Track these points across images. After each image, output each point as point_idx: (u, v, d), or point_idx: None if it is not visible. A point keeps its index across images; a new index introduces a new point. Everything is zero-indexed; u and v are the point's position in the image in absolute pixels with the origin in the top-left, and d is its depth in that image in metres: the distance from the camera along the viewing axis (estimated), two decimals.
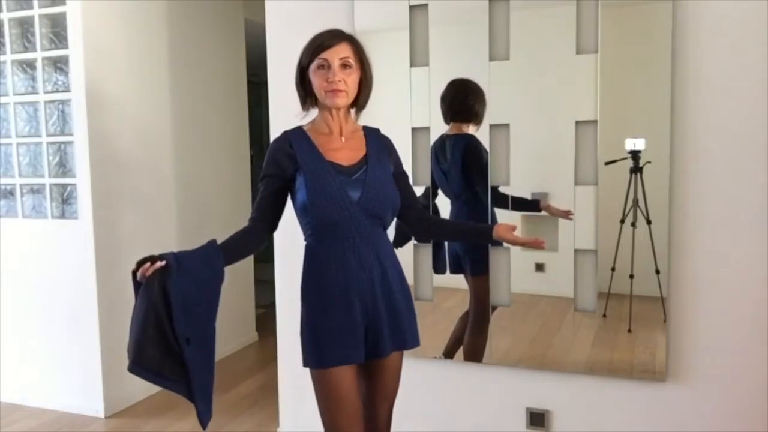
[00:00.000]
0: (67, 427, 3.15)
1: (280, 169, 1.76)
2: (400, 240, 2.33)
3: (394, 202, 1.79)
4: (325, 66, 1.71)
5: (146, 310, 1.66)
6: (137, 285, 1.72)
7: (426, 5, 2.44)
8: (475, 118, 2.39)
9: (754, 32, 2.07)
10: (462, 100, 2.41)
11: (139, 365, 1.63)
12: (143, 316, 1.66)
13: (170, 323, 1.62)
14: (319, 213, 1.70)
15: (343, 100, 1.74)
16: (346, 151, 1.78)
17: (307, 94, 1.80)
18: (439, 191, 2.48)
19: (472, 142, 2.40)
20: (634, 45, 2.23)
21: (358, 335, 1.72)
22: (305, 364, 1.75)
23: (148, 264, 1.67)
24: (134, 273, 1.72)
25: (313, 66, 1.74)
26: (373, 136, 1.86)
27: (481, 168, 2.39)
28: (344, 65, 1.72)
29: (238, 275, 4.13)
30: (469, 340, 2.47)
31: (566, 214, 2.29)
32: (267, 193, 1.78)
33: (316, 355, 1.72)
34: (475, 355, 2.46)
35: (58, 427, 3.15)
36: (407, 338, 1.83)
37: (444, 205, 2.49)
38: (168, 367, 1.62)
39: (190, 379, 1.62)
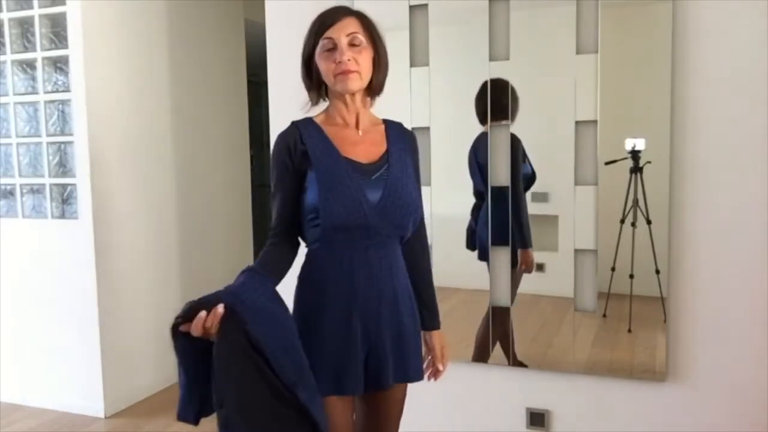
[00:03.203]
0: (67, 427, 3.15)
1: (293, 167, 1.51)
2: None
3: (417, 210, 1.58)
4: (332, 47, 1.50)
5: (243, 367, 1.29)
6: (184, 344, 1.31)
7: (426, 5, 2.43)
8: (511, 114, 2.36)
9: (754, 32, 2.07)
10: (498, 98, 2.37)
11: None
12: (242, 375, 1.28)
13: (273, 373, 1.30)
14: (331, 216, 1.46)
15: (357, 82, 1.51)
16: (365, 146, 1.56)
17: (314, 86, 1.58)
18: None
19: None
20: (634, 45, 2.23)
21: (356, 363, 1.49)
22: None
23: (203, 313, 1.27)
24: (176, 329, 1.30)
25: (318, 49, 1.51)
26: (395, 129, 1.64)
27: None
28: (353, 43, 1.50)
29: None
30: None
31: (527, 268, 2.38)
32: (285, 199, 1.53)
33: None
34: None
35: (58, 427, 3.15)
36: (410, 371, 1.60)
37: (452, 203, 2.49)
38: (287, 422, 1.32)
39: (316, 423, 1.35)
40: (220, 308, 1.28)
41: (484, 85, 2.39)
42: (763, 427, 2.15)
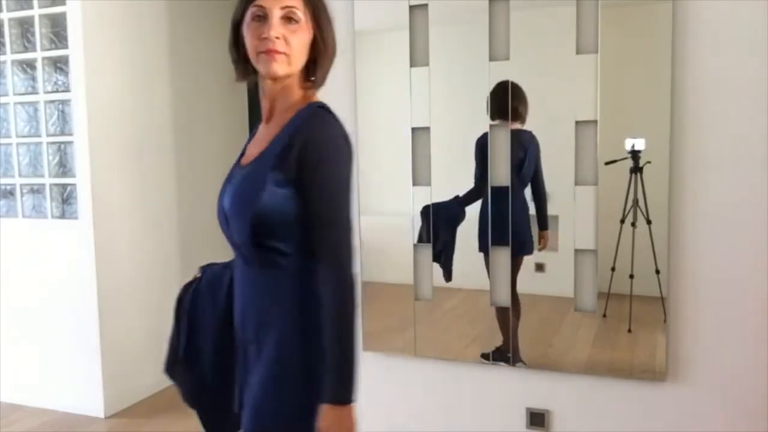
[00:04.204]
0: (67, 427, 3.15)
1: None
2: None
3: (247, 224, 1.25)
4: (262, 17, 1.25)
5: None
6: None
7: (426, 5, 2.43)
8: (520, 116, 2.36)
9: (755, 32, 2.07)
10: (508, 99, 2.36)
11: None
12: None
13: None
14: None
15: (282, 66, 1.26)
16: (258, 143, 1.34)
17: (240, 58, 1.34)
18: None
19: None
20: (634, 45, 2.23)
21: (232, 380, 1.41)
22: None
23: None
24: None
25: (246, 18, 1.28)
26: (298, 120, 1.28)
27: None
28: (288, 17, 1.26)
29: None
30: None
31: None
32: None
33: None
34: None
35: (58, 427, 3.15)
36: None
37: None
38: None
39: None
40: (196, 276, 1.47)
41: (498, 85, 2.36)
42: (763, 427, 2.15)
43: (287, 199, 1.25)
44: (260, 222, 1.25)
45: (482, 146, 2.39)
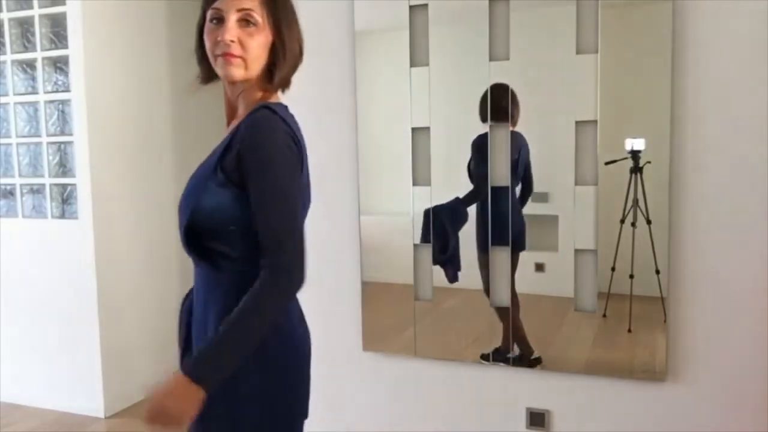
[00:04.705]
0: (67, 427, 3.15)
1: None
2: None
3: (185, 221, 1.24)
4: (218, 19, 1.25)
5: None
6: None
7: (426, 5, 2.43)
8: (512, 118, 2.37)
9: (755, 32, 2.07)
10: (500, 102, 2.36)
11: None
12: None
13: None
14: None
15: (238, 69, 1.25)
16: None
17: (204, 61, 1.33)
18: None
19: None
20: (634, 45, 2.23)
21: None
22: None
23: None
24: None
25: (206, 20, 1.28)
26: (246, 120, 1.26)
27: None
28: (245, 20, 1.24)
29: None
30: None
31: None
32: None
33: None
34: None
35: (58, 427, 3.15)
36: None
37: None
38: None
39: None
40: None
41: (489, 88, 2.37)
42: (763, 427, 2.15)
43: (231, 200, 1.22)
44: (197, 220, 1.23)
45: (479, 147, 2.40)
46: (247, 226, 1.21)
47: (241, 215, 1.22)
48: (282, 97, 1.39)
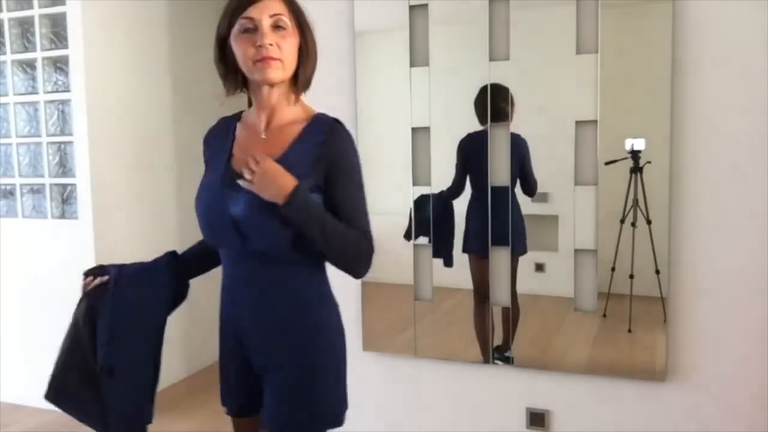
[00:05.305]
0: (67, 427, 3.15)
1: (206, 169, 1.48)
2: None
3: (286, 237, 1.31)
4: (251, 28, 1.31)
5: (70, 336, 1.45)
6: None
7: (426, 5, 2.43)
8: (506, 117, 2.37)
9: (755, 32, 2.07)
10: (496, 102, 2.37)
11: (58, 392, 1.44)
12: (66, 343, 1.45)
13: (93, 349, 1.41)
14: (201, 228, 1.41)
15: (278, 72, 1.32)
16: (263, 150, 1.35)
17: (230, 72, 1.39)
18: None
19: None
20: (634, 45, 2.23)
21: (228, 380, 1.52)
22: None
23: (90, 278, 1.45)
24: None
25: (234, 31, 1.34)
26: (314, 131, 1.36)
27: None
28: (277, 26, 1.32)
29: None
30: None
31: None
32: None
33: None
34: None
35: (58, 427, 3.15)
36: (271, 414, 1.42)
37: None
38: (88, 398, 1.42)
39: (107, 415, 1.41)
40: (98, 280, 1.44)
41: (483, 88, 2.38)
42: (763, 427, 2.15)
43: (321, 202, 1.35)
44: (281, 241, 1.33)
45: (463, 148, 2.42)
46: None
47: None
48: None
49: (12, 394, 3.43)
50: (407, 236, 2.53)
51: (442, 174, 2.48)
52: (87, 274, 1.46)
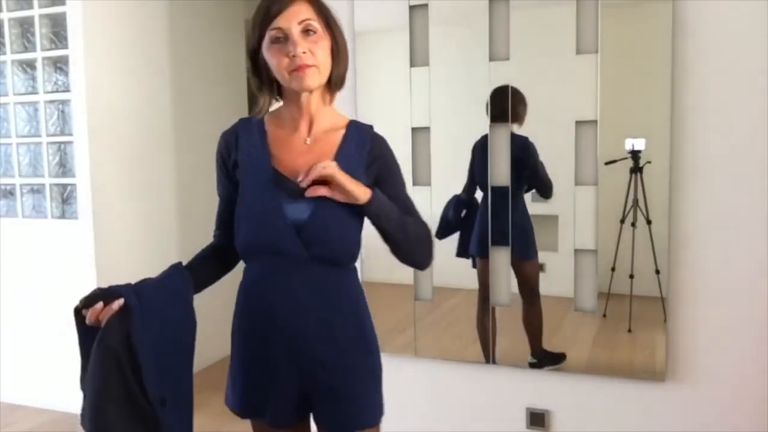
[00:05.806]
0: (67, 427, 3.15)
1: (228, 173, 1.43)
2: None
3: (349, 243, 1.37)
4: (282, 37, 1.30)
5: (107, 366, 1.24)
6: (85, 328, 1.29)
7: (426, 5, 2.43)
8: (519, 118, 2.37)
9: (755, 32, 2.06)
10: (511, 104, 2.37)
11: (98, 423, 1.23)
12: (104, 373, 1.24)
13: (139, 381, 1.25)
14: (243, 235, 1.36)
15: (315, 78, 1.31)
16: (310, 158, 1.34)
17: (264, 84, 1.38)
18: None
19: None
20: (634, 45, 2.23)
21: (269, 389, 1.43)
22: None
23: (100, 305, 1.26)
24: (78, 312, 1.28)
25: (265, 43, 1.32)
26: (355, 138, 1.40)
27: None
28: (307, 30, 1.30)
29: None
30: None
31: None
32: (221, 200, 1.48)
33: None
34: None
35: (58, 427, 3.15)
36: (330, 419, 1.47)
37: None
38: (132, 428, 1.25)
39: None
40: (116, 304, 1.26)
41: (497, 89, 2.36)
42: (763, 427, 2.15)
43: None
44: (356, 233, 1.40)
45: (481, 149, 2.40)
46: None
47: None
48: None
49: (12, 394, 3.43)
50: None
51: (442, 174, 2.48)
52: (89, 299, 1.28)
